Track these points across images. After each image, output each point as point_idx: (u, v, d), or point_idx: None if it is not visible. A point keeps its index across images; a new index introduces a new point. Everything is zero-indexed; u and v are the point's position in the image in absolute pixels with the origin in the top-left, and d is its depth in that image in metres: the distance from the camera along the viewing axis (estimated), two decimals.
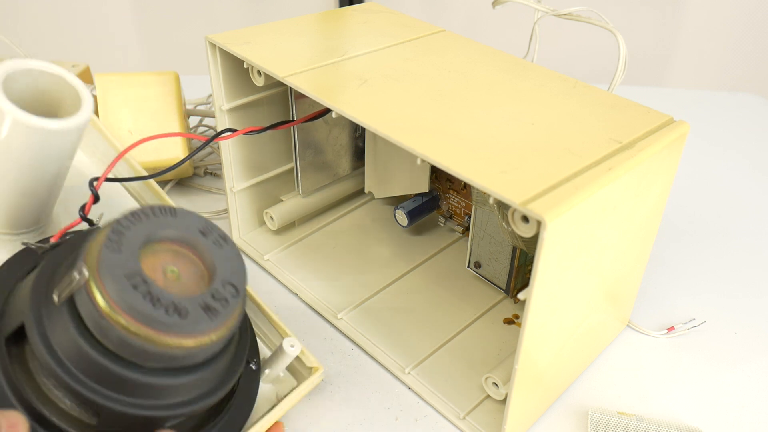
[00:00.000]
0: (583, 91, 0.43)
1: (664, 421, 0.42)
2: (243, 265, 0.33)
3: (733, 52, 0.98)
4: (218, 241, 0.33)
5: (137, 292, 0.29)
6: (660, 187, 0.41)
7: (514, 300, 0.50)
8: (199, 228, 0.33)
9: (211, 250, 0.32)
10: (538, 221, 0.32)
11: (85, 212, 0.35)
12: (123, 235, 0.30)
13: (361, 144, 0.59)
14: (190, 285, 0.32)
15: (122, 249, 0.29)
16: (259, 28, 0.50)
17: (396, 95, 0.41)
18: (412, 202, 0.56)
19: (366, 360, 0.47)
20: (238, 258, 0.33)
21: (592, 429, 0.42)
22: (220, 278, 0.32)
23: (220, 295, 0.31)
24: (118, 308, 0.29)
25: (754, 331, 0.50)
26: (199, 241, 0.32)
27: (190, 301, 0.30)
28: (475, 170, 0.34)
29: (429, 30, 0.51)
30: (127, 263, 0.29)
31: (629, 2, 0.96)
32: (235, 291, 0.32)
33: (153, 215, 0.32)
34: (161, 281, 0.31)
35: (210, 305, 0.31)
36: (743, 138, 0.78)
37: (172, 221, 0.32)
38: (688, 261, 0.57)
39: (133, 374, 0.30)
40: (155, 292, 0.29)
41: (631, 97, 0.43)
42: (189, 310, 0.30)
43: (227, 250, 0.33)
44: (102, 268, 0.29)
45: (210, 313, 0.30)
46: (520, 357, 0.35)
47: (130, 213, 0.31)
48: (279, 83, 0.49)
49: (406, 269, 0.54)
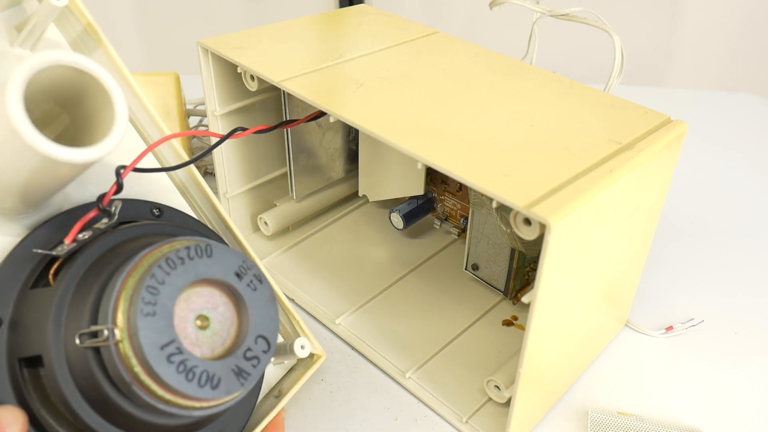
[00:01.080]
0: (580, 92, 0.43)
1: (663, 421, 0.42)
2: (275, 310, 0.32)
3: (733, 52, 0.99)
4: (253, 282, 0.31)
5: (171, 363, 0.28)
6: (659, 187, 0.41)
7: (513, 301, 0.50)
8: (235, 269, 0.31)
9: (246, 293, 0.31)
10: (540, 224, 0.32)
11: (104, 203, 0.31)
12: (158, 294, 0.28)
13: (355, 147, 0.59)
14: (221, 335, 0.30)
15: (157, 311, 0.28)
16: (251, 31, 0.49)
17: (393, 98, 0.41)
18: (407, 204, 0.55)
19: (366, 360, 0.47)
20: (271, 303, 0.32)
21: (592, 429, 0.42)
22: (252, 332, 0.31)
23: (252, 354, 0.30)
24: (150, 378, 0.28)
25: (754, 331, 0.50)
26: (234, 285, 0.31)
27: (222, 366, 0.29)
28: (477, 174, 0.34)
29: (423, 32, 0.51)
30: (164, 331, 0.28)
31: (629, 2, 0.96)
32: (267, 346, 0.31)
33: (188, 258, 0.30)
34: (192, 336, 0.29)
35: (242, 368, 0.30)
36: (743, 138, 0.78)
37: (208, 262, 0.30)
38: (687, 261, 0.57)
39: (154, 419, 0.30)
40: (189, 364, 0.28)
41: (631, 97, 0.43)
42: (221, 379, 0.29)
43: (261, 293, 0.32)
44: (135, 336, 0.27)
45: (241, 377, 0.30)
46: (525, 360, 0.35)
47: (165, 260, 0.29)
48: (272, 87, 0.49)
49: (402, 272, 0.54)
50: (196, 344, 0.29)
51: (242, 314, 0.31)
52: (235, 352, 0.30)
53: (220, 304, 0.31)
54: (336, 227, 0.59)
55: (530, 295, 0.34)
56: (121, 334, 0.28)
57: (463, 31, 1.02)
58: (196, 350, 0.29)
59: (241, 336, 0.31)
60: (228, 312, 0.31)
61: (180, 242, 0.30)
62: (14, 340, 0.30)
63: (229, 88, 0.50)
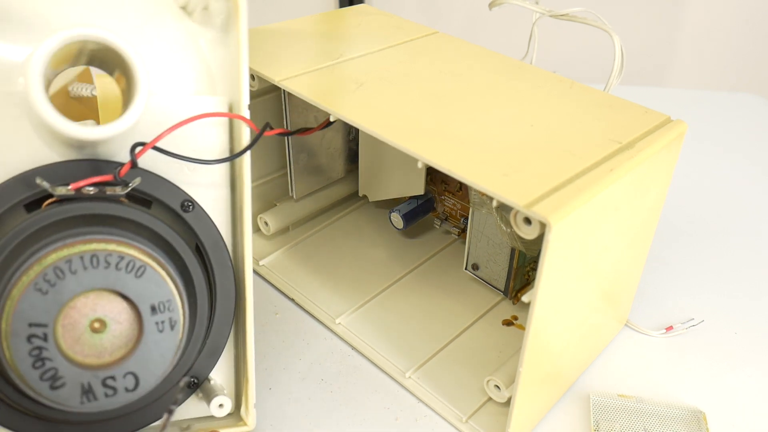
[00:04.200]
0: (579, 92, 0.43)
1: (664, 402, 0.43)
2: (165, 364, 0.31)
3: (733, 52, 0.98)
4: (164, 324, 0.30)
5: (29, 343, 0.28)
6: (659, 187, 0.41)
7: (513, 301, 0.50)
8: (154, 302, 0.30)
9: (148, 328, 0.30)
10: (541, 223, 0.32)
11: (120, 174, 0.31)
12: (63, 279, 0.28)
13: (355, 147, 0.59)
14: (108, 349, 0.30)
15: (50, 292, 0.28)
16: (251, 31, 0.49)
17: (394, 98, 0.41)
18: (407, 204, 0.55)
19: (366, 360, 0.47)
20: (166, 354, 0.31)
21: (594, 412, 0.42)
22: (128, 366, 0.30)
23: (112, 384, 0.30)
24: (7, 345, 0.28)
25: (754, 331, 0.50)
26: (143, 315, 0.30)
27: (78, 374, 0.29)
28: (477, 173, 0.34)
29: (422, 32, 0.51)
30: (43, 313, 0.28)
31: (630, 2, 0.96)
32: (134, 386, 0.30)
33: (116, 268, 0.29)
34: (79, 331, 0.29)
35: (93, 388, 0.29)
36: (743, 138, 0.78)
37: (132, 281, 0.29)
38: (687, 261, 0.57)
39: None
40: (45, 353, 0.28)
41: (632, 97, 0.43)
42: (66, 384, 0.29)
43: (165, 339, 0.30)
44: (15, 303, 0.27)
45: (87, 395, 0.29)
46: (525, 359, 0.35)
47: (92, 256, 0.29)
48: (272, 87, 0.49)
49: (402, 272, 0.54)
50: (78, 341, 0.29)
51: (135, 346, 0.30)
52: (99, 372, 0.29)
53: (126, 323, 0.30)
54: (336, 227, 0.59)
55: (530, 294, 0.34)
56: (9, 300, 0.28)
57: (463, 31, 1.02)
58: (73, 346, 0.29)
59: (117, 362, 0.30)
60: (127, 334, 0.30)
61: (126, 248, 0.30)
62: None
63: None
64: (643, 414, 0.43)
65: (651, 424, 0.42)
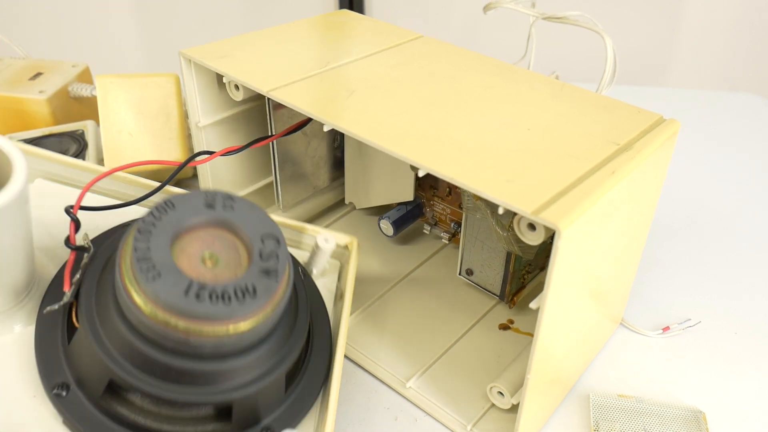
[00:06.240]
0: (572, 94, 0.43)
1: (664, 402, 0.43)
2: (262, 211, 0.33)
3: (733, 52, 1.00)
4: (226, 203, 0.32)
5: (202, 301, 0.29)
6: (654, 186, 0.41)
7: (510, 305, 0.50)
8: (202, 203, 0.32)
9: (227, 214, 0.32)
10: (546, 229, 0.32)
11: (72, 242, 0.33)
12: (150, 260, 0.29)
13: (340, 154, 0.58)
14: (235, 259, 0.31)
15: (161, 271, 0.29)
16: (232, 40, 0.48)
17: (386, 105, 0.40)
18: (396, 211, 0.55)
19: (364, 371, 0.46)
20: (253, 208, 0.33)
21: (593, 411, 0.42)
22: (255, 238, 0.32)
23: (268, 253, 0.31)
24: (198, 323, 0.29)
25: (753, 331, 0.50)
26: (212, 215, 0.32)
27: (249, 276, 0.30)
28: (481, 180, 0.33)
29: (408, 36, 0.51)
30: (177, 281, 0.29)
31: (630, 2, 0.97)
32: (276, 241, 0.32)
33: (157, 220, 0.31)
34: (209, 273, 0.30)
35: (267, 268, 0.31)
36: (743, 138, 0.78)
37: (175, 213, 0.31)
38: (685, 261, 0.57)
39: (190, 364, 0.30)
40: (219, 290, 0.29)
41: (631, 97, 0.43)
42: (255, 285, 0.30)
43: (240, 207, 0.32)
44: (158, 300, 0.28)
45: (271, 275, 0.30)
46: (533, 366, 0.35)
47: (138, 232, 0.30)
48: (257, 97, 0.48)
49: (395, 280, 0.53)
50: (220, 277, 0.30)
51: (237, 233, 0.32)
52: (252, 261, 0.31)
53: (214, 238, 0.32)
54: None
55: (538, 300, 0.33)
56: (147, 307, 0.29)
57: (459, 34, 1.02)
58: (222, 280, 0.30)
59: (248, 248, 0.32)
60: (225, 239, 0.32)
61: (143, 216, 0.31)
62: (85, 392, 0.32)
63: (213, 98, 0.49)
64: (643, 414, 0.43)
65: (651, 424, 0.42)
